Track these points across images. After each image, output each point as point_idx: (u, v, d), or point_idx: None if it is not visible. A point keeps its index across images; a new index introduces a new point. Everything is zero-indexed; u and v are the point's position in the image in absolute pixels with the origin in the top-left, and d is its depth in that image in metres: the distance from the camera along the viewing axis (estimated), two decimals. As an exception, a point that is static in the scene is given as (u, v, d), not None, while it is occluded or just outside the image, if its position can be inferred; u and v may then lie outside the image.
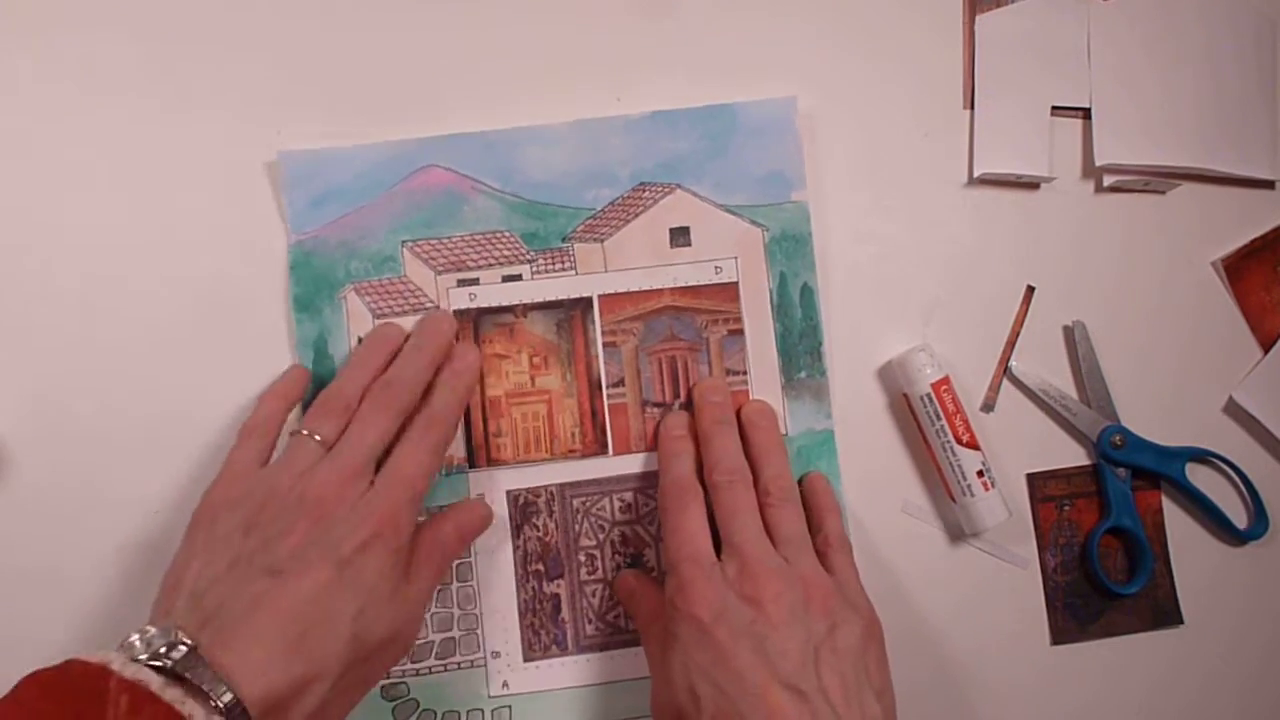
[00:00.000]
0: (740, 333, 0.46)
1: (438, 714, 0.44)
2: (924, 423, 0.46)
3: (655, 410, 0.46)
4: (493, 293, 0.46)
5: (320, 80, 0.47)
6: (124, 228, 0.46)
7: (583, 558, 0.45)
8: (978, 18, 0.49)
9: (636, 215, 0.46)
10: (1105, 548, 0.49)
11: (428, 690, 0.44)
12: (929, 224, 0.49)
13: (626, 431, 0.46)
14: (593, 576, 0.45)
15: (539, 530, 0.45)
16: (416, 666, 0.44)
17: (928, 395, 0.46)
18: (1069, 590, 0.48)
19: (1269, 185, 0.50)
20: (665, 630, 0.39)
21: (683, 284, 0.46)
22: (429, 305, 0.45)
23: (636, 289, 0.46)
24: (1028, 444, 0.49)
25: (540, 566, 0.45)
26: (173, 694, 0.30)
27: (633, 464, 0.46)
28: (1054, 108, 0.49)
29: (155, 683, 0.30)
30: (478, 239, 0.45)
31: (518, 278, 0.46)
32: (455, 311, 0.45)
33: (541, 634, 0.45)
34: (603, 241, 0.46)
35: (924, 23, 0.49)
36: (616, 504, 0.46)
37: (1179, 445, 0.49)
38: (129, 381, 0.45)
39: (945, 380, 0.46)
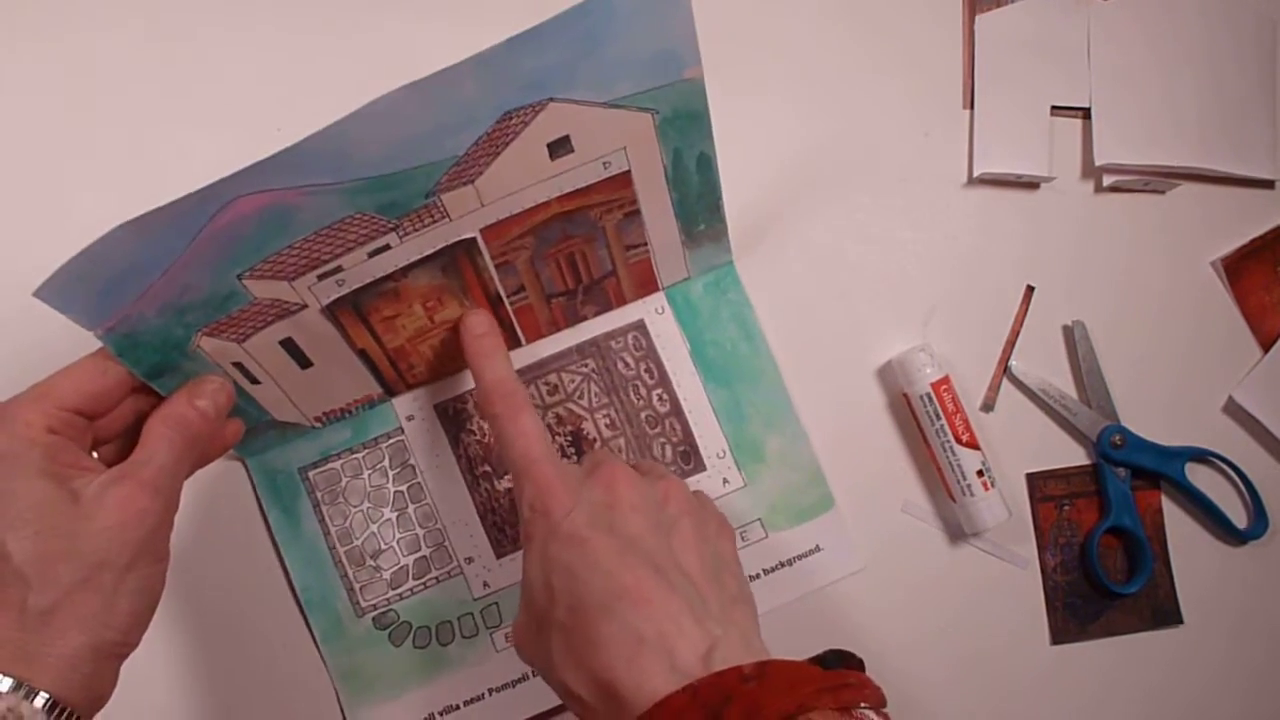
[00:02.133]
0: (637, 213, 0.43)
1: (431, 628, 0.46)
2: (924, 422, 0.46)
3: (561, 299, 0.45)
4: (362, 271, 0.40)
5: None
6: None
7: None
8: (978, 18, 0.49)
9: (507, 145, 0.38)
10: (1105, 547, 0.49)
11: (415, 610, 0.46)
12: (929, 224, 0.49)
13: (535, 321, 0.46)
14: None
15: (475, 434, 0.46)
16: (399, 591, 0.45)
17: (928, 395, 0.46)
18: (1069, 590, 0.48)
19: (1269, 185, 0.50)
20: (525, 537, 0.37)
21: (570, 189, 0.41)
22: (295, 308, 0.40)
23: (520, 210, 0.41)
24: (1028, 444, 0.49)
25: (487, 467, 0.46)
26: None
27: (549, 346, 0.46)
28: (1054, 107, 0.49)
29: None
30: (324, 234, 0.38)
31: (386, 248, 0.39)
32: (328, 304, 0.40)
33: (506, 529, 0.46)
34: (473, 182, 0.39)
35: (924, 23, 0.49)
36: (544, 388, 0.46)
37: (1179, 445, 0.49)
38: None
39: (945, 380, 0.46)
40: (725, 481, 0.47)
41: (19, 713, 0.30)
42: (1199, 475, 0.49)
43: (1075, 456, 0.49)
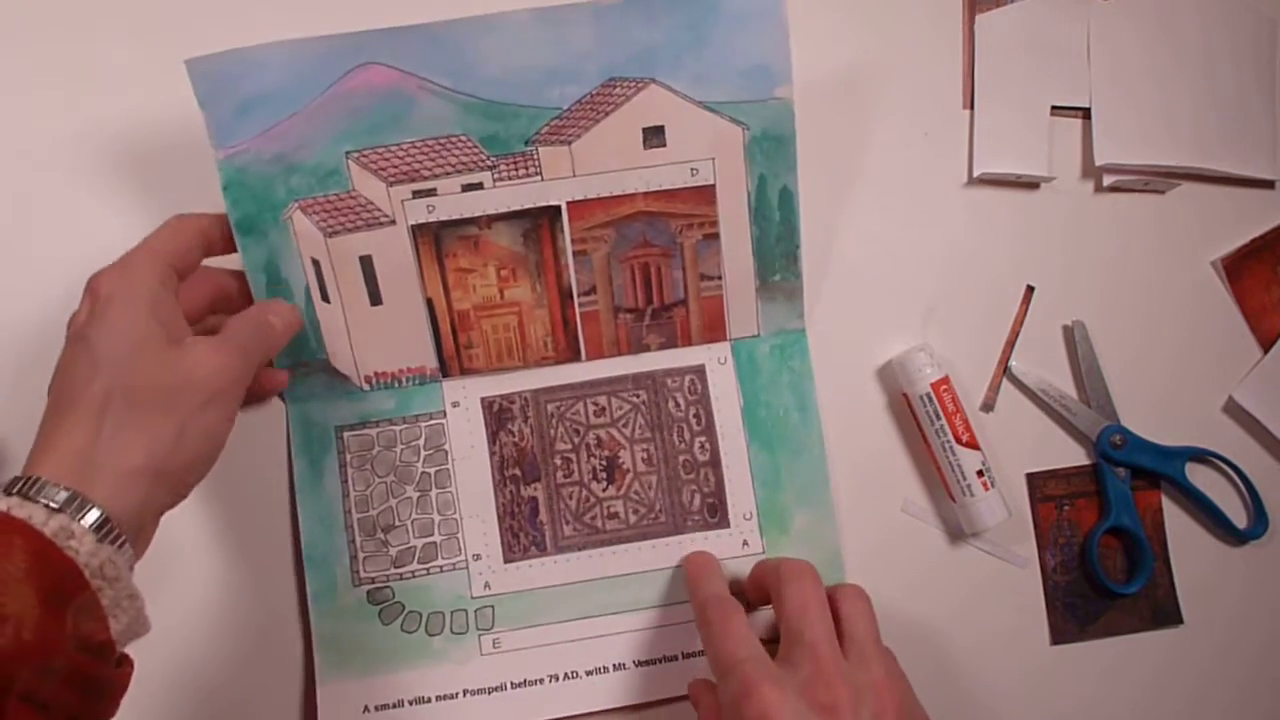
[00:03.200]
0: (715, 236, 0.44)
1: (423, 615, 0.45)
2: (924, 423, 0.46)
3: (628, 316, 0.45)
4: (452, 204, 0.42)
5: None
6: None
7: (559, 461, 0.46)
8: (978, 18, 0.49)
9: (606, 114, 0.41)
10: (1105, 547, 0.49)
11: (412, 593, 0.45)
12: (929, 224, 0.49)
13: (599, 337, 0.46)
14: (569, 479, 0.46)
15: (514, 435, 0.46)
16: (400, 571, 0.45)
17: (928, 395, 0.46)
18: (1069, 590, 0.48)
19: (1269, 185, 0.50)
20: None
21: (656, 188, 0.43)
22: (384, 220, 0.42)
23: (608, 194, 0.43)
24: (1028, 444, 0.49)
25: (517, 471, 0.46)
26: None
27: (606, 369, 0.46)
28: (1054, 108, 0.49)
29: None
30: (430, 145, 0.41)
31: (479, 186, 0.42)
32: (414, 226, 0.42)
33: (520, 536, 0.46)
34: (570, 144, 0.42)
35: (924, 23, 0.49)
36: (590, 408, 0.46)
37: (1179, 445, 0.49)
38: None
39: (945, 380, 0.46)
40: (745, 544, 0.46)
41: (70, 531, 0.32)
42: (1199, 475, 0.49)
43: (1075, 456, 0.49)
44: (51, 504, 0.32)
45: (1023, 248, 0.49)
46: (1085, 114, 0.49)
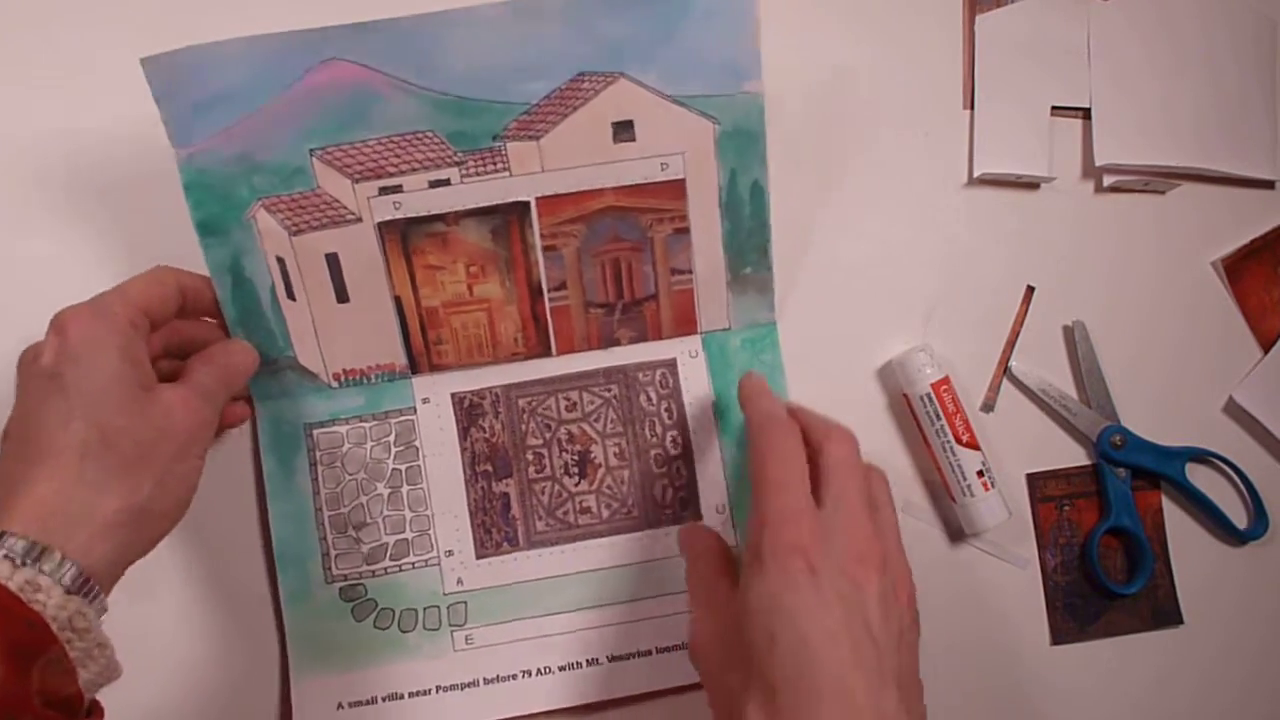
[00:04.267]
0: (686, 231, 0.44)
1: (395, 612, 0.45)
2: (924, 423, 0.46)
3: (599, 311, 0.45)
4: (419, 200, 0.42)
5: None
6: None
7: (530, 456, 0.46)
8: (978, 18, 0.49)
9: (575, 109, 0.41)
10: (1105, 548, 0.49)
11: (385, 590, 0.45)
12: (929, 224, 0.49)
13: (570, 332, 0.45)
14: (541, 474, 0.46)
15: (485, 431, 0.46)
16: (373, 568, 0.45)
17: (928, 395, 0.46)
18: (1069, 590, 0.48)
19: (1269, 185, 0.50)
20: (751, 556, 0.36)
21: (626, 183, 0.43)
22: (350, 218, 0.42)
23: (577, 189, 0.43)
24: (1028, 444, 0.49)
25: (489, 466, 0.46)
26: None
27: (577, 363, 0.46)
28: (1054, 108, 0.49)
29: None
30: (397, 141, 0.41)
31: (446, 182, 0.42)
32: (381, 223, 0.42)
33: (493, 531, 0.46)
34: (539, 139, 0.41)
35: (924, 23, 0.49)
36: (562, 403, 0.46)
37: (1179, 445, 0.49)
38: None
39: (945, 380, 0.46)
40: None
41: (36, 584, 0.31)
42: (1199, 475, 0.49)
43: (1075, 457, 0.49)
44: (16, 558, 0.31)
45: (1023, 248, 0.49)
46: (1085, 114, 0.49)
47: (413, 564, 0.46)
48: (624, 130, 0.42)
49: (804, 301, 0.48)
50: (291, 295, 0.43)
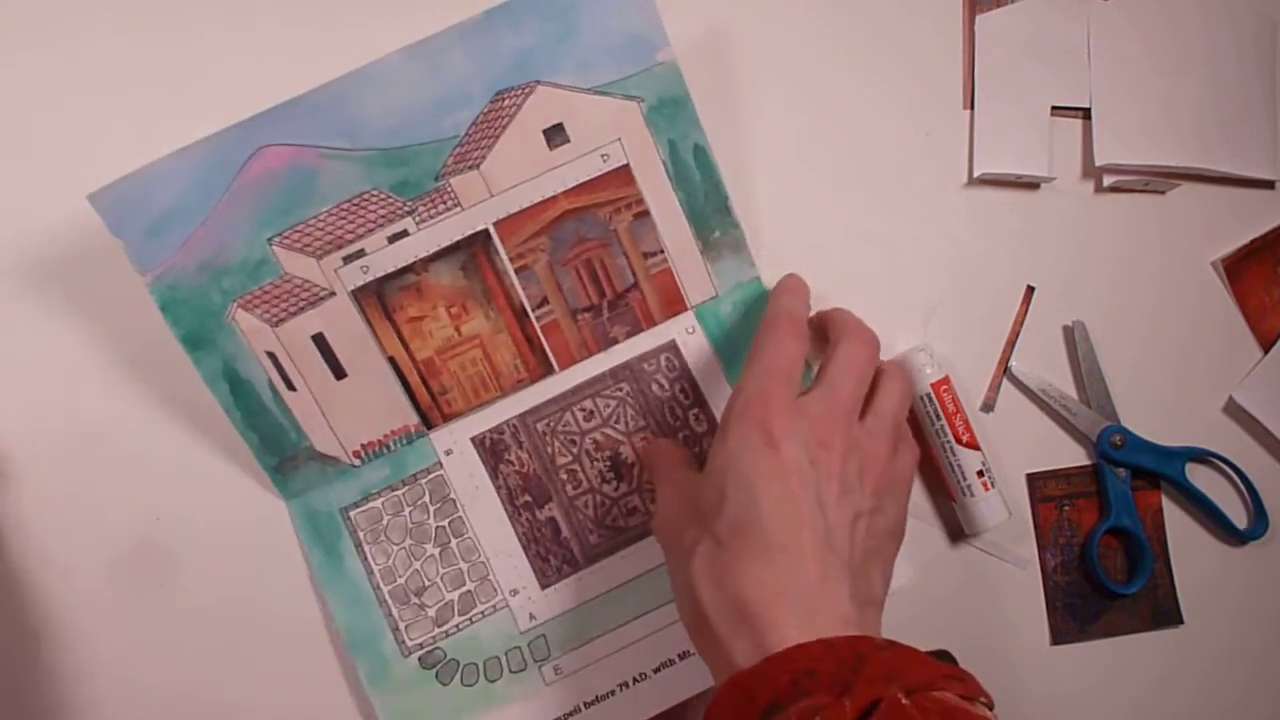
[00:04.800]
0: (646, 213, 0.44)
1: (479, 665, 0.45)
2: (924, 423, 0.46)
3: (587, 315, 0.45)
4: (384, 258, 0.43)
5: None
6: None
7: (564, 475, 0.46)
8: (978, 18, 0.49)
9: (504, 128, 0.42)
10: (1105, 548, 0.49)
11: (462, 646, 0.45)
12: (929, 224, 0.49)
13: (566, 345, 0.45)
14: (579, 490, 0.46)
15: (514, 464, 0.46)
16: (444, 628, 0.45)
17: (928, 395, 0.46)
18: (1069, 590, 0.48)
19: (1269, 185, 0.50)
20: (719, 428, 0.38)
21: (574, 183, 0.43)
22: (324, 294, 0.42)
23: (529, 204, 0.43)
24: (1028, 444, 0.49)
25: (527, 497, 0.46)
26: None
27: (582, 372, 0.46)
28: (1054, 108, 0.49)
29: None
30: (346, 208, 0.42)
31: (404, 234, 0.42)
32: (354, 291, 0.42)
33: (550, 559, 0.46)
34: (478, 167, 0.42)
35: (924, 23, 0.49)
36: (579, 415, 0.46)
37: (1179, 445, 0.49)
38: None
39: (945, 380, 0.46)
40: None
41: None
42: (1199, 475, 0.49)
43: (1075, 456, 0.49)
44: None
45: (1023, 248, 0.49)
46: (1085, 114, 0.49)
47: (482, 613, 0.45)
48: (556, 134, 0.42)
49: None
50: (291, 386, 0.43)
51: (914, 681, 0.31)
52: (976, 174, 0.48)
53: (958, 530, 0.48)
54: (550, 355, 0.45)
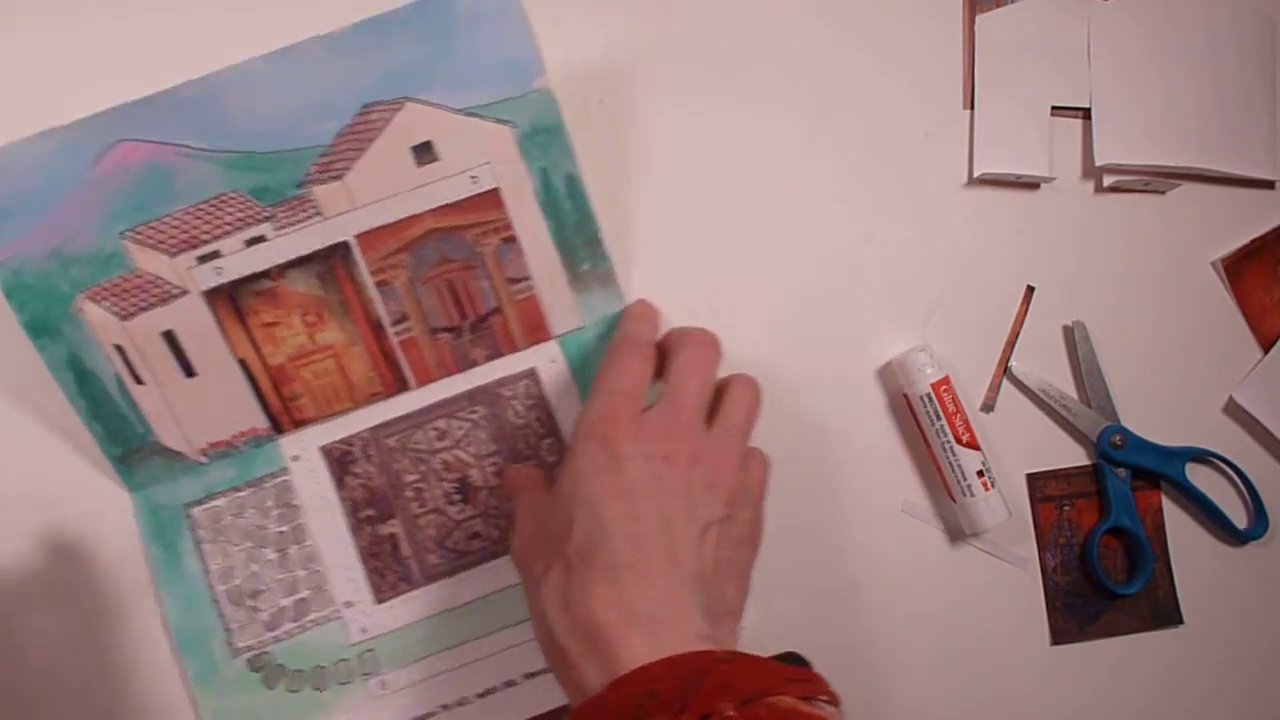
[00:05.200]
0: (513, 239, 0.44)
1: (306, 672, 0.45)
2: (924, 423, 0.46)
3: (447, 335, 0.45)
4: (239, 261, 0.42)
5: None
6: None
7: (410, 493, 0.46)
8: (978, 18, 0.49)
9: (371, 142, 0.41)
10: (1105, 548, 0.49)
11: (291, 653, 0.45)
12: (929, 224, 0.49)
13: (424, 362, 0.45)
14: (424, 509, 0.46)
15: (361, 477, 0.45)
16: (275, 634, 0.45)
17: (928, 395, 0.46)
18: (1069, 590, 0.48)
19: (1269, 185, 0.50)
20: (567, 452, 0.39)
21: (440, 203, 0.43)
22: (176, 292, 0.42)
23: (393, 220, 0.43)
24: (1028, 444, 0.49)
25: (371, 511, 0.45)
26: None
27: (438, 391, 0.45)
28: (1054, 108, 0.49)
29: None
30: (203, 208, 0.41)
31: (261, 239, 0.42)
32: (207, 291, 0.42)
33: (387, 574, 0.45)
34: (342, 178, 0.41)
35: (924, 23, 0.49)
36: (431, 434, 0.46)
37: (1179, 445, 0.49)
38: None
39: (945, 380, 0.46)
40: None
41: None
42: (1199, 475, 0.49)
43: (1075, 456, 0.49)
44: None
45: (1023, 248, 0.49)
46: (1085, 114, 0.49)
47: (315, 621, 0.45)
48: (424, 152, 0.42)
49: (804, 301, 0.48)
50: (139, 380, 0.43)
51: (750, 691, 0.32)
52: (976, 174, 0.48)
53: (958, 530, 0.48)
54: (406, 371, 0.45)
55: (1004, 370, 0.49)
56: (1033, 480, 0.49)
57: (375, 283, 0.43)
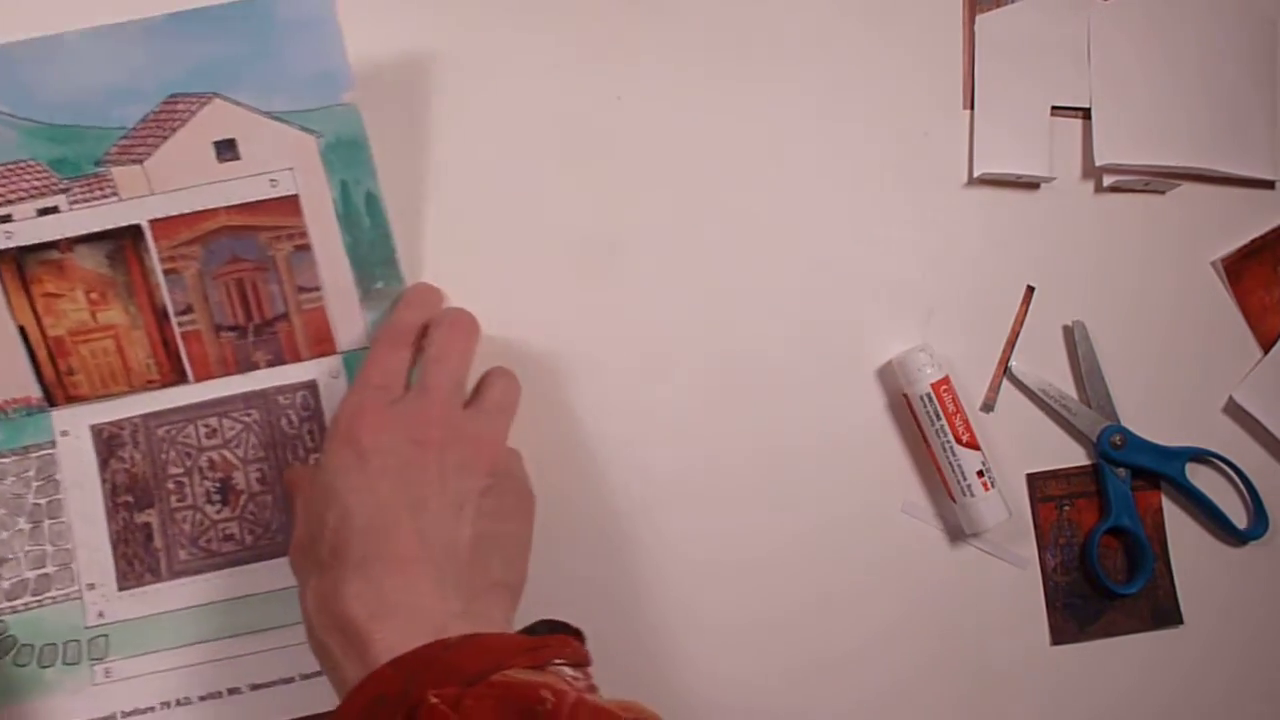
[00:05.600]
0: (308, 248, 0.44)
1: (36, 648, 0.44)
2: (924, 423, 0.46)
3: (231, 334, 0.44)
4: (29, 229, 0.42)
5: None
6: None
7: (171, 486, 0.45)
8: (978, 18, 0.49)
9: (174, 131, 0.42)
10: (1105, 548, 0.49)
11: (26, 626, 0.44)
12: (929, 224, 0.49)
13: (205, 357, 0.45)
14: (183, 504, 0.45)
15: (126, 462, 0.45)
16: (13, 604, 0.44)
17: (928, 395, 0.46)
18: (1069, 590, 0.48)
19: (1269, 185, 0.50)
20: (321, 456, 0.38)
21: (238, 201, 0.43)
22: None
23: (189, 211, 0.43)
24: (1028, 444, 0.49)
25: (129, 498, 0.45)
26: None
27: (216, 389, 0.45)
28: (1054, 108, 0.49)
29: None
30: (0, 171, 0.42)
31: (54, 210, 0.42)
32: None
33: (135, 563, 0.45)
34: (142, 162, 0.42)
35: (924, 23, 0.49)
36: (202, 430, 0.45)
37: (1179, 445, 0.49)
38: None
39: (945, 380, 0.46)
40: None
41: None
42: (1199, 475, 0.49)
43: (1075, 456, 0.49)
44: None
45: (1023, 248, 0.49)
46: (1085, 114, 0.49)
47: (54, 598, 0.45)
48: (227, 149, 0.43)
49: (804, 301, 0.48)
50: None
51: (474, 672, 0.31)
52: (976, 174, 0.48)
53: (958, 530, 0.48)
54: (186, 364, 0.45)
55: (1004, 370, 0.49)
56: (1033, 480, 0.49)
57: (164, 270, 0.44)
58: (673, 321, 0.47)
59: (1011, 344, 0.49)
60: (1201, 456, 0.49)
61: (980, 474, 0.45)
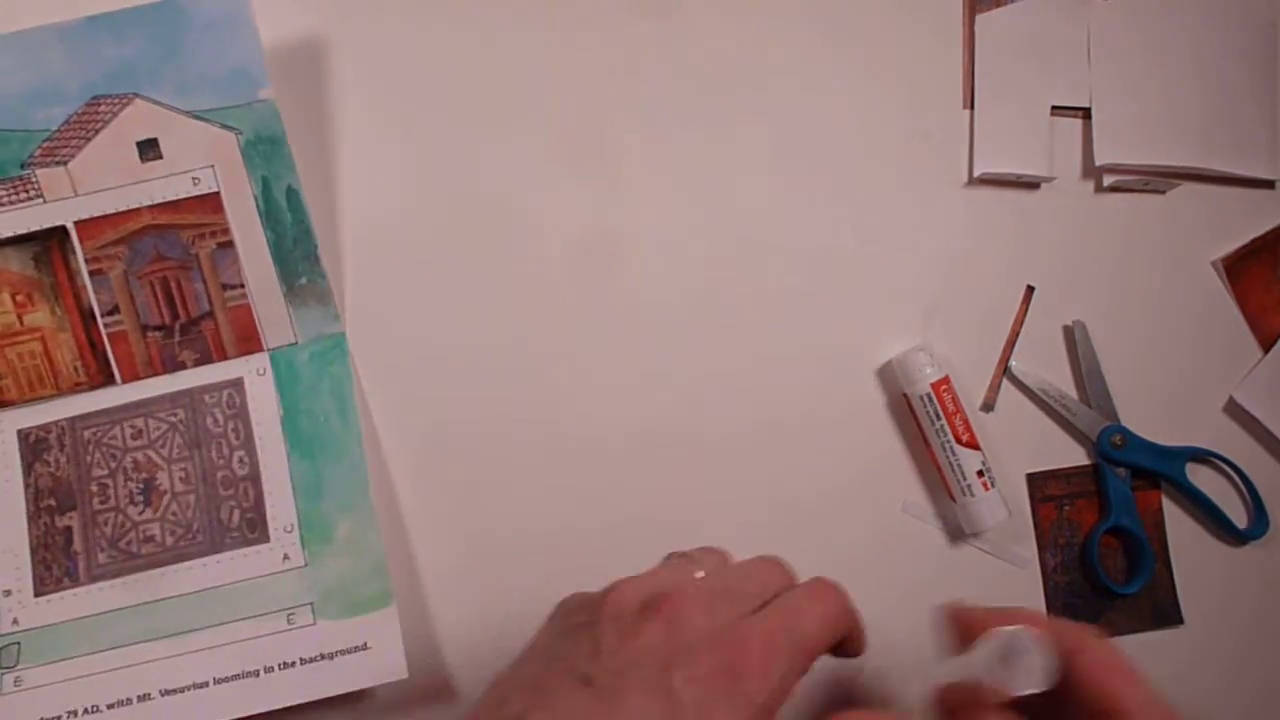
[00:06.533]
0: (231, 245, 0.45)
1: None
2: (924, 423, 0.46)
3: (157, 334, 0.45)
4: None
5: None
6: None
7: (95, 488, 0.45)
8: (978, 18, 0.49)
9: (97, 132, 0.43)
10: (1105, 548, 0.49)
11: None
12: (929, 224, 0.49)
13: (132, 358, 0.45)
14: (105, 506, 0.45)
15: (51, 466, 0.45)
16: None
17: (928, 395, 0.46)
18: (1069, 590, 0.48)
19: (1269, 185, 0.50)
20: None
21: (161, 200, 0.44)
22: None
23: (113, 211, 0.44)
24: (1028, 444, 0.49)
25: (52, 501, 0.45)
26: None
27: (143, 390, 0.45)
28: (1054, 108, 0.49)
29: None
30: None
31: None
32: None
33: (53, 568, 0.45)
34: (66, 164, 0.43)
35: (924, 23, 0.49)
36: (128, 431, 0.45)
37: (1179, 445, 0.49)
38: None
39: (945, 380, 0.46)
40: (286, 557, 0.44)
41: None
42: (1199, 475, 0.49)
43: (1075, 456, 0.49)
44: None
45: (1023, 248, 0.49)
46: (1085, 114, 0.49)
47: None
48: (149, 148, 0.43)
49: (805, 301, 0.48)
50: None
51: None
52: (976, 174, 0.48)
53: (958, 530, 0.48)
54: (113, 365, 0.45)
55: (1004, 370, 0.49)
56: (1033, 480, 0.49)
57: (90, 271, 0.44)
58: (673, 321, 0.47)
59: (1011, 344, 0.49)
60: (1201, 456, 0.49)
61: (980, 474, 0.45)
